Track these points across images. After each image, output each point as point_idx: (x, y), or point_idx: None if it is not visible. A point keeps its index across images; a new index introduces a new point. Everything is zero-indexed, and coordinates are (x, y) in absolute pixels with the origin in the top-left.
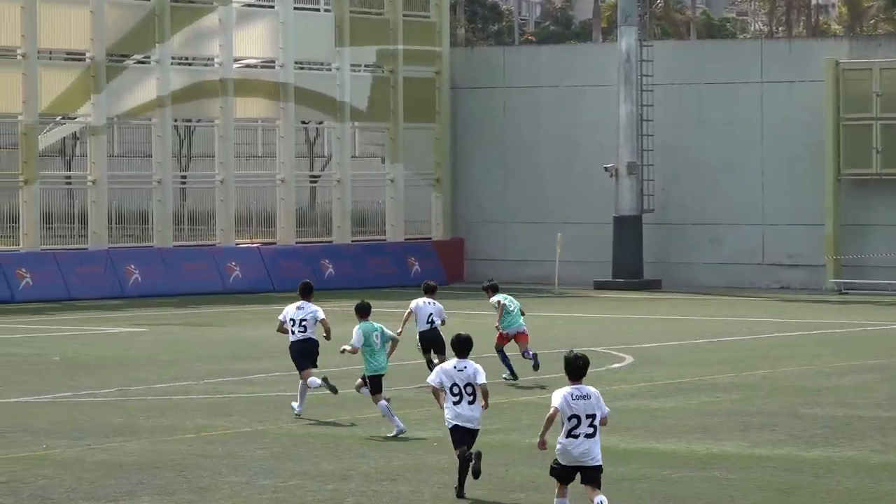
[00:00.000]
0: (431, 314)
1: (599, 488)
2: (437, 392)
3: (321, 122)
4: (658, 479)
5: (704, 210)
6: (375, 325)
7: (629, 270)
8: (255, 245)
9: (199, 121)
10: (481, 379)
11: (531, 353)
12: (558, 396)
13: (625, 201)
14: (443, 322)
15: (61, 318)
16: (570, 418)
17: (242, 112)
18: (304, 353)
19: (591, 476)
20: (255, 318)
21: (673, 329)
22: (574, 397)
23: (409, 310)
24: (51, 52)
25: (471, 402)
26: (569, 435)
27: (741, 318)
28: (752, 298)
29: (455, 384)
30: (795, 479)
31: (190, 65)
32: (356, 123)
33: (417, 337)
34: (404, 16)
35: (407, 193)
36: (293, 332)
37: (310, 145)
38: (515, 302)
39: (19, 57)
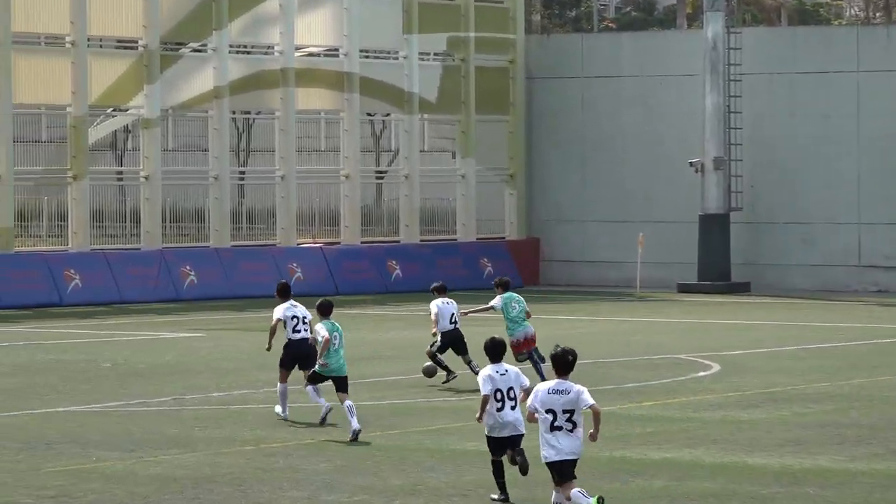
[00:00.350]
0: (453, 314)
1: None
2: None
3: (388, 115)
4: (748, 495)
5: (796, 208)
6: (337, 325)
7: (716, 272)
8: (317, 245)
9: (258, 113)
10: (526, 382)
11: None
12: (533, 392)
13: (711, 199)
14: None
15: (112, 322)
16: (546, 412)
17: (304, 103)
18: (306, 354)
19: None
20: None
21: (762, 335)
22: (551, 391)
23: (433, 312)
24: (101, 40)
25: (513, 408)
26: (551, 429)
27: (835, 323)
28: (846, 302)
29: (498, 389)
30: (894, 496)
31: (249, 53)
32: (425, 116)
33: (439, 337)
34: (476, 1)
35: (479, 190)
36: (295, 331)
37: (376, 139)
38: (522, 303)
39: (68, 45)
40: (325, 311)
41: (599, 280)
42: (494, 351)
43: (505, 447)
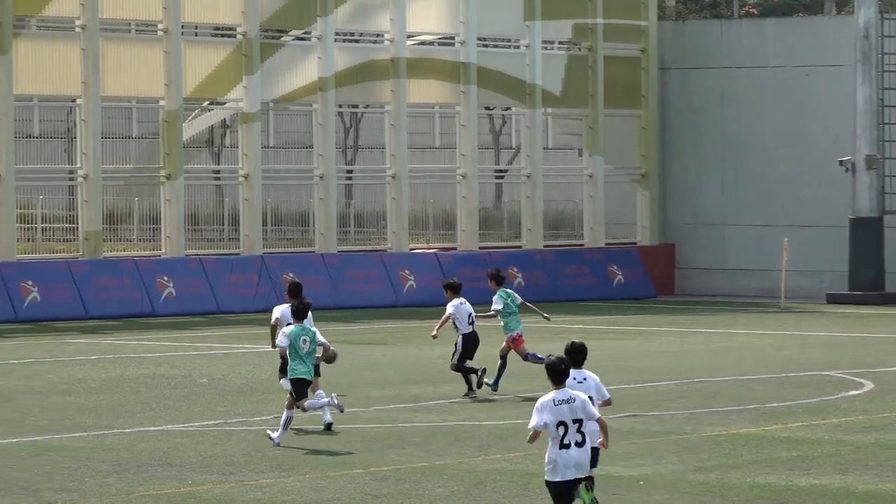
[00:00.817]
0: (471, 314)
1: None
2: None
3: (508, 109)
4: None
5: None
6: (308, 328)
7: (868, 281)
8: (431, 251)
9: (366, 106)
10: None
11: (535, 354)
12: (539, 410)
13: (863, 200)
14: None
15: (209, 334)
16: (557, 426)
17: (417, 96)
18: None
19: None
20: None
21: None
22: (557, 402)
23: (448, 312)
24: (196, 27)
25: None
26: (561, 446)
27: None
28: None
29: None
30: None
31: (357, 42)
32: (549, 110)
33: (460, 341)
34: None
35: (608, 191)
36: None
37: (495, 135)
38: (517, 298)
39: (161, 33)
40: (299, 315)
41: (739, 290)
42: (574, 355)
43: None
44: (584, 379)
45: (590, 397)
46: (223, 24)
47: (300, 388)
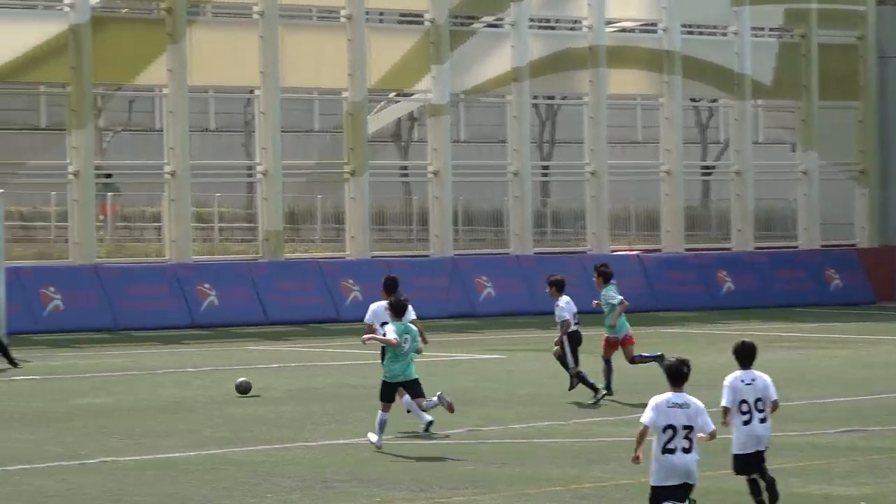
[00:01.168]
0: (576, 312)
1: None
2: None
3: (715, 100)
4: None
5: None
6: (410, 326)
7: None
8: (633, 252)
9: (563, 98)
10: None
11: (642, 355)
12: (650, 409)
13: None
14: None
15: None
16: (664, 429)
17: (617, 87)
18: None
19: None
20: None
21: None
22: (671, 405)
23: (566, 318)
24: (382, 14)
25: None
26: (665, 450)
27: None
28: None
29: (744, 401)
30: None
31: (552, 29)
32: (759, 101)
33: (568, 350)
34: None
35: (823, 189)
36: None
37: (701, 128)
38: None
39: (344, 20)
40: (398, 311)
41: None
42: (745, 355)
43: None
44: (753, 380)
45: (758, 399)
46: (410, 9)
47: (389, 391)
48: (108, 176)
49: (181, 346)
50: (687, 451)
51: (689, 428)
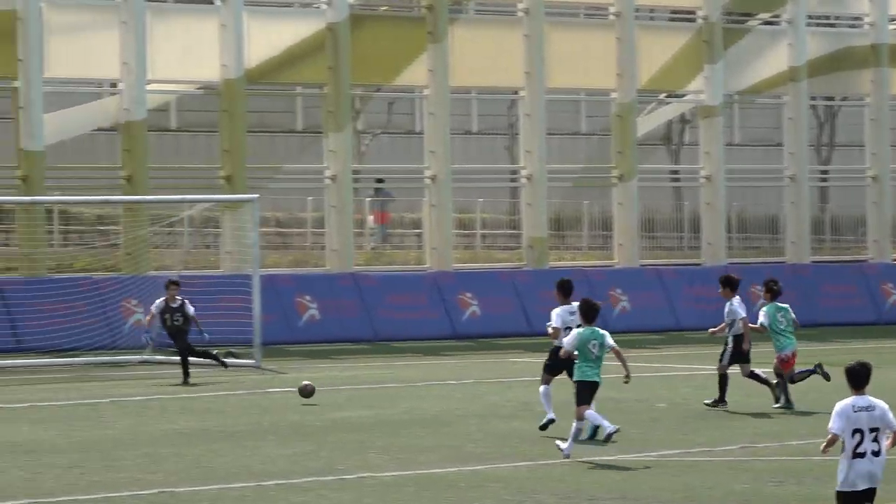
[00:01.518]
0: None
1: None
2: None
3: None
4: None
5: None
6: (598, 331)
7: None
8: None
9: (843, 99)
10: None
11: (801, 371)
12: (837, 415)
13: None
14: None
15: (667, 353)
16: (853, 433)
17: None
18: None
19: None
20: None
21: None
22: (856, 409)
23: (743, 315)
24: (652, 11)
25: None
26: (854, 455)
27: None
28: None
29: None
30: None
31: (832, 26)
32: None
33: (731, 341)
34: None
35: None
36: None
37: None
38: (790, 312)
39: (612, 17)
40: (588, 316)
41: None
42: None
43: None
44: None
45: (874, 428)
46: (681, 7)
47: (585, 392)
48: (380, 181)
49: (441, 357)
50: (876, 454)
51: (876, 430)
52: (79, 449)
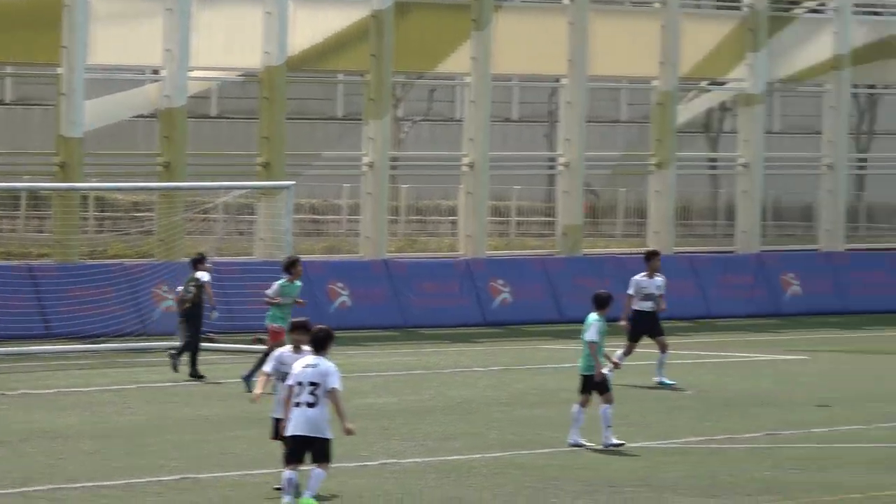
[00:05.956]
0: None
1: None
2: None
3: None
4: None
5: None
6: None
7: None
8: None
9: (884, 87)
10: None
11: None
12: None
13: None
14: None
15: (697, 340)
16: None
17: None
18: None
19: None
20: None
21: None
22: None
23: None
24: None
25: None
26: None
27: None
28: None
29: None
30: None
31: (877, 14)
32: None
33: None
34: None
35: None
36: None
37: None
38: None
39: (657, 5)
40: (600, 303)
41: None
42: None
43: None
44: None
45: None
46: None
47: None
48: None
49: (471, 344)
50: None
51: None
52: (102, 435)
